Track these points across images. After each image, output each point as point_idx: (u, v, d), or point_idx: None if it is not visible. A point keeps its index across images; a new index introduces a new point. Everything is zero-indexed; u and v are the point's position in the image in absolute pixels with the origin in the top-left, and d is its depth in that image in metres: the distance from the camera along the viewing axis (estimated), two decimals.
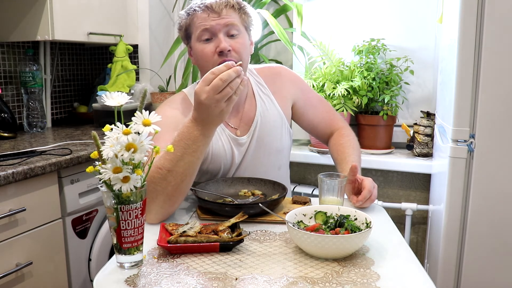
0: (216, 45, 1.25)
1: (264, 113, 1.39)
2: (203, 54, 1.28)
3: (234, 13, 1.29)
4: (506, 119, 1.27)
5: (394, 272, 0.87)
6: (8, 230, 1.35)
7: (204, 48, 1.27)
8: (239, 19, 1.30)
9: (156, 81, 2.37)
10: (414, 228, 2.09)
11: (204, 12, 1.26)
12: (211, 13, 1.26)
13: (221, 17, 1.26)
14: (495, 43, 1.25)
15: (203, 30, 1.26)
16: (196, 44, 1.29)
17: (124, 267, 0.87)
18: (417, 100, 2.13)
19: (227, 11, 1.27)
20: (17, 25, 1.92)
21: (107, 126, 0.82)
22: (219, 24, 1.26)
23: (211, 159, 1.33)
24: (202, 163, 1.26)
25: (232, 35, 1.28)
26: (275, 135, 1.40)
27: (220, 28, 1.26)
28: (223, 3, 1.26)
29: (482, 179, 1.31)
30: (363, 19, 2.17)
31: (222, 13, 1.26)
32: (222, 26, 1.26)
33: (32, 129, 2.03)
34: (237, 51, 1.27)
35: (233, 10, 1.29)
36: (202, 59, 1.29)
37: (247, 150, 1.36)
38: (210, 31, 1.26)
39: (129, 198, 0.83)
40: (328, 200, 1.15)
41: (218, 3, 1.26)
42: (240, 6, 1.31)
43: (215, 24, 1.26)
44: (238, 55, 1.27)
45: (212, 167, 1.34)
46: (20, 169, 1.34)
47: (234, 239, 0.95)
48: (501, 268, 1.32)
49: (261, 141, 1.37)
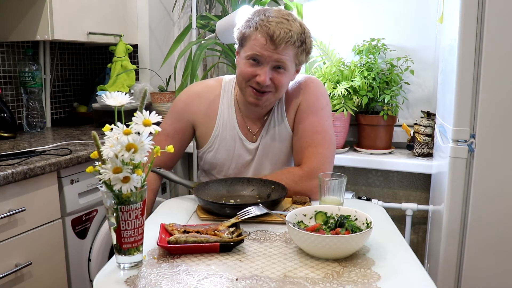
0: (258, 73, 1.26)
1: (271, 131, 1.40)
2: (243, 71, 1.29)
3: (292, 50, 1.26)
4: (507, 119, 1.27)
5: (395, 272, 0.87)
6: (7, 230, 1.34)
7: (247, 67, 1.28)
8: (293, 56, 1.27)
9: (156, 81, 2.37)
10: (414, 228, 2.09)
11: (263, 38, 1.23)
12: (269, 43, 1.23)
13: (276, 52, 1.24)
14: (495, 43, 1.25)
15: (254, 54, 1.25)
16: (242, 58, 1.30)
17: (124, 267, 0.87)
18: (417, 100, 2.13)
19: (285, 47, 1.24)
20: (16, 25, 1.92)
21: (107, 126, 0.82)
22: (270, 57, 1.25)
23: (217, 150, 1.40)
24: (206, 151, 1.41)
25: (278, 67, 1.27)
26: (282, 149, 1.42)
27: (269, 61, 1.25)
28: (285, 39, 1.22)
29: (482, 179, 1.31)
30: (363, 19, 2.16)
31: (279, 48, 1.23)
32: (273, 60, 1.25)
33: (32, 129, 2.03)
34: (277, 85, 1.28)
35: (293, 47, 1.25)
36: (240, 74, 1.31)
37: (254, 155, 1.41)
38: (260, 58, 1.26)
39: (129, 199, 0.83)
40: (328, 200, 1.15)
41: (281, 37, 1.22)
42: (302, 43, 1.27)
43: (267, 56, 1.24)
44: (276, 89, 1.29)
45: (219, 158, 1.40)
46: (19, 169, 1.34)
47: (234, 240, 0.95)
48: (502, 268, 1.32)
49: (268, 149, 1.41)
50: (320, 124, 1.35)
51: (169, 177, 1.33)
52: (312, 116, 1.36)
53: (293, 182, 1.29)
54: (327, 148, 1.34)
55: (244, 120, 1.41)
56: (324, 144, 1.34)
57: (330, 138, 1.35)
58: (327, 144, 1.34)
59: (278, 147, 1.40)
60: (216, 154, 1.41)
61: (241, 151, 1.40)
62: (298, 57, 1.29)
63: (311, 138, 1.34)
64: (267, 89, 1.28)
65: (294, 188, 1.28)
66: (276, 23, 1.22)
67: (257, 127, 1.41)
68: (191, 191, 1.27)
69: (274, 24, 1.22)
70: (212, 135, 1.40)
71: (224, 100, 1.42)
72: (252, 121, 1.41)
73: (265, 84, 1.26)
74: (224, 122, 1.40)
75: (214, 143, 1.40)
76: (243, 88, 1.32)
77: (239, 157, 1.41)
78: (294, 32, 1.24)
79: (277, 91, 1.30)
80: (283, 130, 1.40)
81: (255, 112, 1.40)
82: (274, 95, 1.31)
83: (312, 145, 1.33)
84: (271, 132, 1.40)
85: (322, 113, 1.37)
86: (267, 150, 1.40)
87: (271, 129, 1.40)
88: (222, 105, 1.41)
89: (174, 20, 2.54)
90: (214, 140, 1.40)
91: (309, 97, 1.38)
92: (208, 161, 1.43)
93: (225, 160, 1.41)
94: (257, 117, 1.41)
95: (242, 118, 1.41)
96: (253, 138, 1.41)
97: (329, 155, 1.34)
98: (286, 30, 1.22)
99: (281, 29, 1.22)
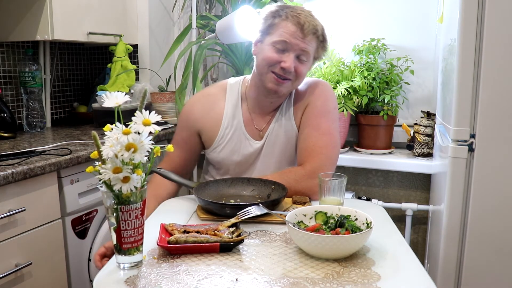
0: (284, 59, 1.30)
1: (277, 129, 1.42)
2: (268, 57, 1.32)
3: (316, 43, 1.33)
4: (507, 119, 1.27)
5: (395, 272, 0.87)
6: (7, 230, 1.34)
7: (273, 54, 1.31)
8: (315, 49, 1.34)
9: (156, 81, 2.36)
10: (414, 228, 2.09)
11: (294, 26, 1.29)
12: (299, 31, 1.29)
13: (304, 41, 1.30)
14: (495, 42, 1.25)
15: (282, 41, 1.29)
16: (268, 44, 1.33)
17: (124, 267, 0.87)
18: (417, 100, 2.13)
19: (311, 38, 1.31)
20: (16, 25, 1.92)
21: (107, 126, 0.82)
22: (298, 45, 1.30)
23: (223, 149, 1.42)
24: (212, 150, 1.44)
25: (301, 59, 1.32)
26: (287, 146, 1.43)
27: (297, 49, 1.30)
28: (312, 29, 1.30)
29: (482, 179, 1.31)
30: (363, 19, 2.16)
31: (307, 38, 1.30)
32: (300, 49, 1.30)
33: (32, 129, 2.03)
34: (298, 74, 1.33)
35: (316, 40, 1.33)
36: (264, 60, 1.33)
37: (260, 153, 1.42)
38: (288, 46, 1.30)
39: (129, 199, 0.83)
40: (329, 200, 1.15)
41: (310, 27, 1.29)
42: (323, 39, 1.35)
43: (295, 44, 1.29)
44: (296, 77, 1.33)
45: (223, 156, 1.43)
46: (19, 169, 1.34)
47: (234, 240, 0.95)
48: (502, 268, 1.32)
49: (274, 146, 1.42)
50: (327, 126, 1.36)
51: (169, 177, 1.33)
52: (319, 118, 1.37)
53: (294, 181, 1.29)
54: (332, 150, 1.34)
55: (251, 116, 1.43)
56: (329, 145, 1.34)
57: (335, 141, 1.36)
58: (332, 146, 1.35)
59: (284, 145, 1.41)
60: (222, 154, 1.43)
61: (246, 151, 1.42)
62: (318, 51, 1.36)
63: (316, 139, 1.34)
64: (288, 76, 1.32)
65: (295, 187, 1.28)
66: (305, 16, 1.30)
67: (264, 122, 1.42)
68: (191, 191, 1.27)
69: (304, 16, 1.30)
70: (218, 137, 1.42)
71: (230, 101, 1.44)
72: (259, 116, 1.43)
73: (290, 71, 1.30)
74: (229, 123, 1.42)
75: (219, 144, 1.42)
76: (264, 73, 1.34)
77: (245, 157, 1.42)
78: (319, 27, 1.32)
79: (296, 79, 1.34)
80: (289, 128, 1.41)
81: (264, 106, 1.41)
82: (293, 84, 1.35)
83: (317, 146, 1.33)
84: (277, 129, 1.41)
85: (329, 116, 1.38)
86: (272, 147, 1.41)
87: (277, 126, 1.41)
88: (227, 107, 1.43)
89: (174, 20, 2.54)
90: (220, 142, 1.42)
91: (318, 99, 1.39)
92: (215, 160, 1.45)
93: (231, 159, 1.43)
94: (265, 112, 1.42)
95: (250, 115, 1.43)
96: (259, 135, 1.42)
97: (333, 156, 1.35)
98: (314, 23, 1.30)
99: (310, 22, 1.30)
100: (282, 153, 1.42)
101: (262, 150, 1.42)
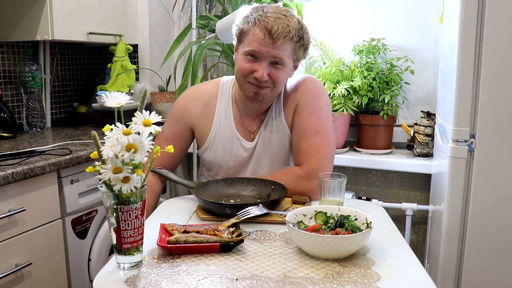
0: (256, 69, 1.26)
1: (269, 130, 1.41)
2: (241, 69, 1.29)
3: (290, 45, 1.26)
4: (507, 119, 1.27)
5: (395, 272, 0.87)
6: (7, 230, 1.34)
7: (245, 63, 1.28)
8: (291, 52, 1.27)
9: (156, 81, 2.36)
10: (414, 228, 2.09)
11: (262, 32, 1.23)
12: (267, 37, 1.23)
13: (274, 47, 1.24)
14: (495, 42, 1.25)
15: (252, 50, 1.26)
16: (240, 54, 1.30)
17: (124, 267, 0.87)
18: (417, 100, 2.13)
19: (283, 42, 1.24)
20: (16, 25, 1.92)
21: (107, 126, 0.82)
22: (269, 53, 1.25)
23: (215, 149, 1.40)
24: (204, 151, 1.43)
25: (276, 63, 1.27)
26: (280, 147, 1.41)
27: (268, 56, 1.25)
28: (283, 33, 1.22)
29: (482, 179, 1.31)
30: (363, 19, 2.16)
31: (277, 43, 1.23)
32: (271, 56, 1.25)
33: (32, 129, 2.03)
34: (274, 81, 1.28)
35: (290, 42, 1.25)
36: (238, 71, 1.31)
37: (252, 154, 1.41)
38: (258, 54, 1.26)
39: (129, 199, 0.83)
40: (329, 200, 1.15)
41: (279, 31, 1.22)
42: (300, 39, 1.27)
43: (265, 52, 1.25)
44: (273, 85, 1.29)
45: (215, 157, 1.41)
46: (19, 169, 1.34)
47: (234, 240, 0.95)
48: (502, 268, 1.32)
49: (266, 148, 1.41)
50: (320, 124, 1.35)
51: (169, 177, 1.33)
52: (311, 117, 1.35)
53: (293, 182, 1.29)
54: (327, 149, 1.34)
55: (242, 118, 1.41)
56: (324, 144, 1.33)
57: (329, 139, 1.35)
58: (327, 144, 1.34)
59: (275, 146, 1.40)
60: (213, 154, 1.42)
61: (238, 151, 1.41)
62: (296, 52, 1.29)
63: (310, 138, 1.33)
64: (265, 85, 1.29)
65: (294, 188, 1.28)
66: (274, 18, 1.23)
67: (255, 124, 1.41)
68: (191, 191, 1.27)
69: (272, 19, 1.23)
70: (210, 136, 1.41)
71: (222, 100, 1.43)
72: (250, 119, 1.42)
73: (263, 80, 1.26)
74: (221, 123, 1.41)
75: (211, 143, 1.41)
76: (242, 84, 1.32)
77: (237, 157, 1.41)
78: (292, 27, 1.24)
79: (275, 86, 1.30)
80: (280, 128, 1.40)
81: (253, 110, 1.40)
82: (272, 90, 1.31)
83: (312, 146, 1.32)
84: (268, 130, 1.40)
85: (321, 113, 1.37)
86: (264, 148, 1.40)
87: (268, 127, 1.40)
88: (219, 105, 1.42)
89: (174, 20, 2.54)
90: (212, 140, 1.41)
91: (308, 97, 1.37)
92: (206, 160, 1.44)
93: (222, 159, 1.42)
94: (255, 114, 1.41)
95: (240, 116, 1.41)
96: (250, 136, 1.41)
97: (329, 155, 1.34)
98: (284, 25, 1.23)
99: (279, 24, 1.22)
100: (275, 154, 1.41)
101: (254, 151, 1.41)
